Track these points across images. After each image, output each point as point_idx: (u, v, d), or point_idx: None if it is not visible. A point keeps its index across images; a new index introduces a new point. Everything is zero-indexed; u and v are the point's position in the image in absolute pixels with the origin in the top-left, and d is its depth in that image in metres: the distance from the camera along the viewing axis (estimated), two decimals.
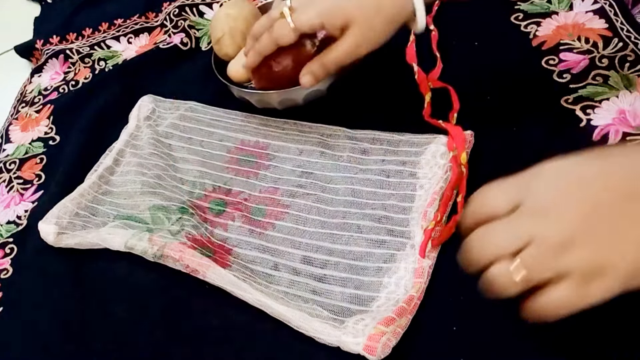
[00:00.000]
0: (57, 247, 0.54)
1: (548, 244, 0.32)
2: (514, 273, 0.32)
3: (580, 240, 0.31)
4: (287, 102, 0.58)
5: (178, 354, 0.46)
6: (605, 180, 0.32)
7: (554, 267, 0.32)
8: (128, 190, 0.57)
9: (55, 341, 0.49)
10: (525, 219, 0.33)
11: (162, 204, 0.54)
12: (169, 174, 0.58)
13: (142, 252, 0.51)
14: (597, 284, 0.31)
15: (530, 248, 0.32)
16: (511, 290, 0.33)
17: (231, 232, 0.52)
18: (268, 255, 0.49)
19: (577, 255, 0.31)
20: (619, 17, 0.59)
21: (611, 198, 0.31)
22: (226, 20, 0.63)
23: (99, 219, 0.55)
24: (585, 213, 0.31)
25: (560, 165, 0.33)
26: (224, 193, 0.55)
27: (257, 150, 0.58)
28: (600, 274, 0.31)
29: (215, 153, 0.59)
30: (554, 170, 0.33)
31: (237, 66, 0.61)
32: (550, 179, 0.33)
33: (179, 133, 0.63)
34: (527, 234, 0.32)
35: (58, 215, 0.55)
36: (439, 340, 0.42)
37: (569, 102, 0.54)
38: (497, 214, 0.34)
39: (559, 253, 0.31)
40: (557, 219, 0.32)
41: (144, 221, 0.53)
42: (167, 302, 0.50)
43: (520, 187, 0.34)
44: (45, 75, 0.82)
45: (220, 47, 0.64)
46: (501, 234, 0.33)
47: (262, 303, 0.45)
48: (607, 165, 0.33)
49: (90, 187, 0.58)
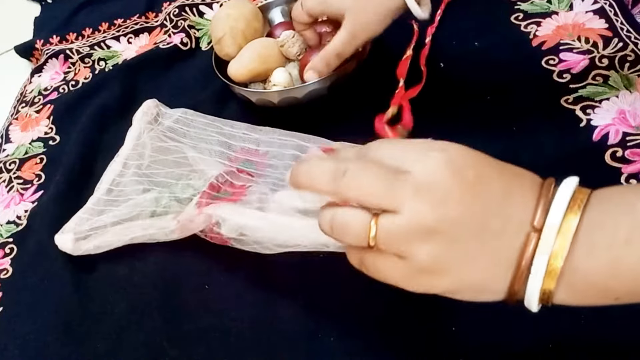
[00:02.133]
0: (64, 250, 0.54)
1: (413, 224, 0.29)
2: (371, 230, 0.30)
3: (441, 237, 0.29)
4: (287, 101, 0.58)
5: (178, 354, 0.46)
6: (497, 197, 0.30)
7: (402, 248, 0.30)
8: (135, 198, 0.57)
9: (55, 341, 0.49)
10: (407, 186, 0.30)
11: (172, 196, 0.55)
12: (172, 176, 0.58)
13: (164, 227, 0.51)
14: (427, 278, 0.31)
15: (394, 217, 0.30)
16: (356, 242, 0.31)
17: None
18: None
19: (428, 249, 0.30)
20: (619, 17, 0.59)
21: (491, 215, 0.30)
22: (227, 20, 0.63)
23: (114, 219, 0.55)
24: (464, 215, 0.29)
25: (466, 159, 0.31)
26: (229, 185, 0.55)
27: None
28: (436, 273, 0.30)
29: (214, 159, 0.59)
30: (460, 156, 0.31)
31: (237, 65, 0.61)
32: (453, 164, 0.30)
33: (177, 136, 0.62)
34: (401, 201, 0.30)
35: (74, 227, 0.54)
36: (439, 340, 0.42)
37: (569, 102, 0.54)
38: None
39: (416, 237, 0.30)
40: (436, 206, 0.29)
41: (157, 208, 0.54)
42: (167, 302, 0.50)
43: (415, 150, 0.31)
44: (45, 75, 0.82)
45: (221, 47, 0.64)
46: (378, 182, 0.30)
47: (276, 225, 0.44)
48: (510, 179, 0.31)
49: (101, 195, 0.57)
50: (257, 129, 0.59)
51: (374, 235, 0.31)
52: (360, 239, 0.31)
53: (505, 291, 0.31)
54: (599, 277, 0.29)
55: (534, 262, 0.29)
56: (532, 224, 0.29)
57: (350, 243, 0.32)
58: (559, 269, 0.29)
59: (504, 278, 0.30)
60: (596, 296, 0.30)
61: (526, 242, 0.29)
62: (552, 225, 0.29)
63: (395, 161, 0.31)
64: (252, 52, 0.61)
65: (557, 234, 0.28)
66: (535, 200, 0.30)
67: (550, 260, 0.29)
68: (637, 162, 0.48)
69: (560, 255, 0.28)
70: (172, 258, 0.52)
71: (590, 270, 0.29)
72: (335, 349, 0.43)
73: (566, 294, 0.30)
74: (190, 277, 0.50)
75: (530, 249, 0.29)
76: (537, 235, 0.29)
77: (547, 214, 0.29)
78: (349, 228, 0.32)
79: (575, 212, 0.29)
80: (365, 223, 0.31)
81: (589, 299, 0.30)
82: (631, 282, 0.28)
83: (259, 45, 0.62)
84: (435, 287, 0.31)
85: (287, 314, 0.46)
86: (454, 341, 0.42)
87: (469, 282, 0.31)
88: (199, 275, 0.50)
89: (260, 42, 0.62)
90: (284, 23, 0.68)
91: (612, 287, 0.29)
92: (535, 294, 0.30)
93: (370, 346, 0.43)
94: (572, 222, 0.28)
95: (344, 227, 0.32)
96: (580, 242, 0.29)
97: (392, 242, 0.30)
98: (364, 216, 0.31)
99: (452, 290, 0.31)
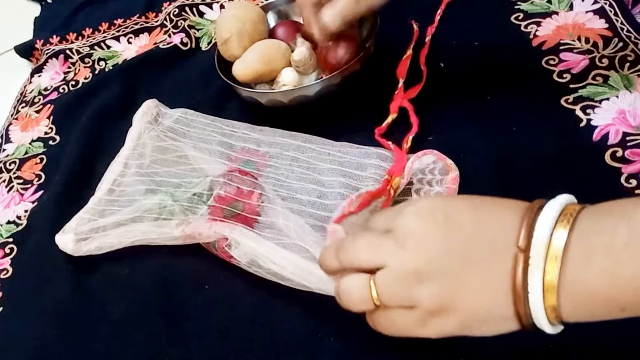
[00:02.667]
0: (64, 250, 0.54)
1: (401, 271, 0.32)
2: (371, 290, 0.34)
3: (432, 276, 0.32)
4: (297, 100, 0.58)
5: (178, 354, 0.46)
6: (472, 226, 0.32)
7: (403, 296, 0.33)
8: (137, 198, 0.56)
9: (55, 341, 0.49)
10: (389, 241, 0.33)
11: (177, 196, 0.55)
12: (173, 175, 0.58)
13: (167, 233, 0.51)
14: (437, 321, 0.33)
15: (385, 271, 0.33)
16: (364, 305, 0.34)
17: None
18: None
19: (427, 289, 0.32)
20: (619, 17, 0.59)
21: (471, 244, 0.32)
22: (233, 21, 0.63)
23: (115, 220, 0.55)
24: (443, 250, 0.32)
25: (434, 203, 0.34)
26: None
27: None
28: (444, 313, 0.32)
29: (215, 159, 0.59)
30: (427, 206, 0.34)
31: (242, 66, 0.61)
32: (422, 211, 0.33)
33: (177, 136, 0.62)
34: (386, 254, 0.33)
35: (75, 228, 0.54)
36: (439, 340, 0.42)
37: (569, 102, 0.54)
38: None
39: (411, 282, 0.32)
40: (416, 250, 0.32)
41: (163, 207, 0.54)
42: (167, 303, 0.50)
43: (394, 213, 0.35)
44: (45, 75, 0.82)
45: (227, 48, 0.63)
46: (365, 244, 0.35)
47: (287, 258, 0.45)
48: (486, 209, 0.33)
49: (102, 195, 0.57)
50: (258, 129, 0.59)
51: (376, 295, 0.33)
52: (365, 301, 0.34)
53: (513, 316, 0.31)
54: (599, 286, 0.29)
55: (529, 281, 0.29)
56: (516, 244, 0.30)
57: (359, 308, 0.35)
58: (556, 282, 0.29)
59: (505, 302, 0.31)
60: (601, 308, 0.29)
61: (515, 264, 0.30)
62: (539, 241, 0.29)
63: (381, 225, 0.35)
64: (257, 53, 0.60)
65: (548, 248, 0.29)
66: (519, 222, 0.31)
67: (545, 276, 0.29)
68: (637, 162, 0.48)
69: (553, 268, 0.29)
70: (172, 258, 0.52)
71: (589, 280, 0.29)
72: (336, 349, 0.43)
73: (571, 308, 0.30)
74: (190, 277, 0.50)
75: (520, 270, 0.30)
76: (523, 255, 0.30)
77: (532, 232, 0.30)
78: (352, 293, 0.35)
79: (565, 225, 0.29)
80: (365, 284, 0.34)
81: (595, 312, 0.30)
82: (634, 291, 0.28)
83: (263, 46, 0.61)
84: (447, 327, 0.33)
85: (287, 314, 0.46)
86: (454, 341, 0.42)
87: (474, 313, 0.32)
88: (199, 275, 0.50)
89: (264, 43, 0.62)
90: (283, 23, 0.67)
91: (614, 296, 0.29)
92: (541, 312, 0.30)
93: (370, 346, 0.43)
94: (561, 234, 0.29)
95: (349, 294, 0.35)
96: (575, 253, 0.29)
97: (393, 293, 0.33)
98: (362, 278, 0.34)
99: (463, 326, 0.33)
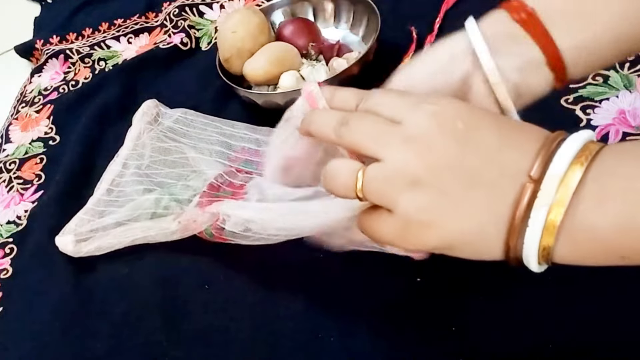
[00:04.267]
0: (64, 252, 0.54)
1: (397, 171, 0.30)
2: (357, 180, 0.31)
3: (427, 187, 0.29)
4: (292, 102, 0.58)
5: (178, 355, 0.46)
6: (491, 146, 0.29)
7: (387, 197, 0.30)
8: (135, 199, 0.57)
9: (55, 341, 0.49)
10: (396, 134, 0.30)
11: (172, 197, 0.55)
12: (172, 176, 0.58)
13: (165, 229, 0.51)
14: (417, 233, 0.30)
15: (379, 165, 0.30)
16: (345, 192, 0.32)
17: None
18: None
19: (415, 198, 0.29)
20: None
21: (483, 164, 0.29)
22: (233, 40, 0.63)
23: (114, 220, 0.55)
24: (451, 164, 0.29)
25: (459, 110, 0.30)
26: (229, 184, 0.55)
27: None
28: (425, 227, 0.29)
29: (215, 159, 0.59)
30: (450, 110, 0.30)
31: (252, 67, 0.61)
32: (442, 115, 0.30)
33: (177, 137, 0.62)
34: (388, 148, 0.30)
35: (75, 229, 0.54)
36: (439, 340, 0.42)
37: (569, 102, 0.54)
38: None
39: (402, 186, 0.29)
40: (422, 154, 0.29)
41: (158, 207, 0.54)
42: (167, 302, 0.50)
43: (408, 103, 0.32)
44: (45, 75, 0.82)
45: (230, 65, 0.64)
46: (370, 131, 0.31)
47: (282, 212, 0.43)
48: (509, 130, 0.30)
49: (101, 195, 0.57)
50: (258, 129, 0.59)
51: (360, 187, 0.31)
52: (348, 189, 0.32)
53: (501, 247, 0.29)
54: (608, 232, 0.27)
55: (531, 215, 0.27)
56: (528, 174, 0.28)
57: (339, 193, 0.32)
58: (559, 223, 0.27)
59: (497, 232, 0.29)
60: (601, 253, 0.28)
61: (521, 194, 0.28)
62: (553, 176, 0.27)
63: (390, 112, 0.32)
64: (269, 56, 0.61)
65: (559, 185, 0.27)
66: (537, 150, 0.28)
67: (549, 214, 0.27)
68: None
69: (560, 208, 0.27)
70: (172, 258, 0.52)
71: (598, 224, 0.27)
72: (336, 348, 0.43)
73: (568, 250, 0.28)
74: (190, 277, 0.50)
75: (524, 201, 0.27)
76: (532, 186, 0.27)
77: (548, 165, 0.27)
78: (338, 177, 0.32)
79: (582, 163, 0.27)
80: (353, 172, 0.31)
81: (592, 257, 0.28)
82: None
83: (275, 49, 0.61)
84: (426, 242, 0.30)
85: (287, 314, 0.46)
86: (454, 341, 0.42)
87: (459, 235, 0.29)
88: (199, 275, 0.50)
89: (276, 45, 0.62)
90: (291, 22, 0.67)
91: (622, 244, 0.27)
92: (533, 250, 0.28)
93: (370, 346, 0.43)
94: (577, 172, 0.27)
95: (334, 177, 0.32)
96: (588, 194, 0.27)
97: (375, 190, 0.30)
98: (353, 166, 0.31)
99: (443, 245, 0.30)
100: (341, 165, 0.32)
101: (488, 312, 0.42)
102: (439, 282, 0.45)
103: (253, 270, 0.49)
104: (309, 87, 0.38)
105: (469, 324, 0.42)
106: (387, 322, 0.44)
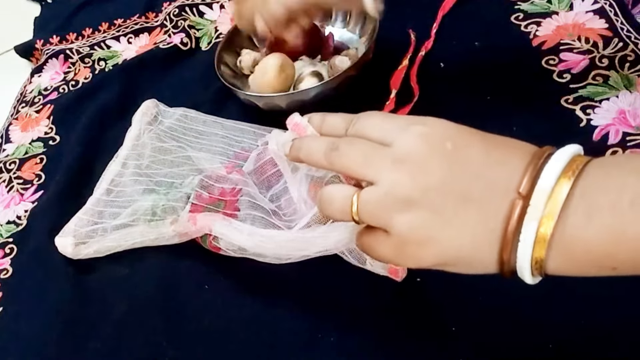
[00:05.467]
0: (63, 254, 0.54)
1: (391, 193, 0.30)
2: (353, 205, 0.32)
3: (420, 207, 0.30)
4: (294, 104, 0.58)
5: (178, 354, 0.46)
6: (480, 164, 0.30)
7: (382, 219, 0.31)
8: (135, 199, 0.56)
9: (55, 341, 0.49)
10: (387, 157, 0.31)
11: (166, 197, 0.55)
12: (172, 175, 0.58)
13: (163, 233, 0.51)
14: (413, 251, 0.31)
15: (373, 188, 0.31)
16: (342, 217, 0.33)
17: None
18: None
19: (408, 219, 0.30)
20: (619, 17, 0.59)
21: (473, 182, 0.30)
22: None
23: (113, 223, 0.55)
24: (442, 184, 0.30)
25: (447, 131, 0.31)
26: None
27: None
28: (421, 245, 0.30)
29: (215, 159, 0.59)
30: (438, 131, 0.31)
31: (258, 82, 0.60)
32: (431, 136, 0.31)
33: (177, 136, 0.62)
34: (380, 171, 0.31)
35: (74, 229, 0.54)
36: (439, 340, 0.42)
37: (569, 102, 0.54)
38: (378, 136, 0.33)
39: (396, 208, 0.30)
40: (414, 175, 0.30)
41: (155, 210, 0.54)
42: (167, 303, 0.50)
43: (397, 125, 0.32)
44: (45, 75, 0.82)
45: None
46: (361, 155, 0.32)
47: (273, 239, 0.44)
48: (495, 148, 0.31)
49: (100, 195, 0.57)
50: (259, 129, 0.59)
51: (355, 211, 0.32)
52: (344, 213, 0.32)
53: (495, 261, 0.30)
54: (598, 244, 0.27)
55: (522, 230, 0.28)
56: (517, 190, 0.28)
57: (336, 218, 0.33)
58: (549, 236, 0.28)
59: (490, 247, 0.29)
60: (593, 265, 0.28)
61: (511, 209, 0.28)
62: (541, 191, 0.28)
63: (379, 134, 0.32)
64: (274, 80, 0.59)
65: (548, 199, 0.27)
66: (525, 166, 0.29)
67: (539, 227, 0.28)
68: None
69: (550, 221, 0.27)
70: (172, 258, 0.52)
71: (588, 237, 0.27)
72: (336, 349, 0.43)
73: (560, 262, 0.29)
74: (190, 277, 0.50)
75: (515, 216, 0.28)
76: (521, 202, 0.28)
77: (536, 180, 0.28)
78: (333, 203, 0.33)
79: (569, 177, 0.28)
80: (348, 197, 0.32)
81: (584, 268, 0.29)
82: (633, 252, 0.27)
83: (282, 61, 0.60)
84: (423, 260, 0.31)
85: (287, 314, 0.46)
86: (454, 341, 0.42)
87: (454, 252, 0.30)
88: (199, 275, 0.50)
89: (281, 57, 0.60)
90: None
91: (612, 256, 0.27)
92: (527, 263, 0.29)
93: (370, 346, 0.43)
94: (564, 186, 0.28)
95: (330, 202, 0.33)
96: (576, 207, 0.27)
97: (370, 212, 0.31)
98: (347, 191, 0.32)
99: (440, 262, 0.31)
100: (335, 191, 0.33)
101: (488, 312, 0.42)
102: (439, 282, 0.45)
103: (253, 270, 0.49)
104: (293, 119, 0.39)
105: (469, 324, 0.42)
106: (386, 323, 0.44)
